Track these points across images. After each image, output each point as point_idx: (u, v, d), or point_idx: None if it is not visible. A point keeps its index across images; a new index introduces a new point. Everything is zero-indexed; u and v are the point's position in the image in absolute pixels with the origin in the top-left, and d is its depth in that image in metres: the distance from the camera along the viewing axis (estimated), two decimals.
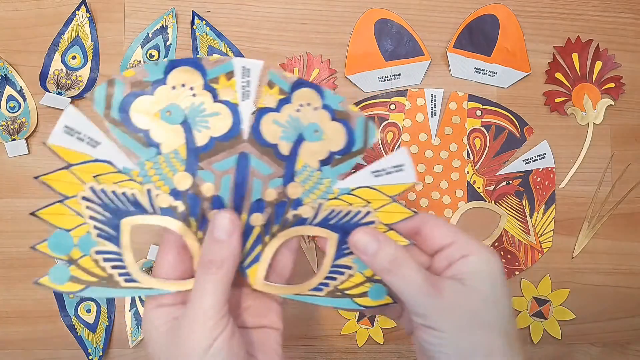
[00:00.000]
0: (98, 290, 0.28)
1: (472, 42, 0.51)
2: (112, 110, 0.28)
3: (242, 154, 0.29)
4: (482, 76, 0.51)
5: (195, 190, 0.28)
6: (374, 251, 0.27)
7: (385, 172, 0.31)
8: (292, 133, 0.30)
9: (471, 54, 0.51)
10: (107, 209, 0.28)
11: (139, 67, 0.28)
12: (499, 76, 0.51)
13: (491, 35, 0.51)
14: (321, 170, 0.30)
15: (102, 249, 0.28)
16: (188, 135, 0.28)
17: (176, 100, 0.28)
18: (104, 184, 0.28)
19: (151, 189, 0.28)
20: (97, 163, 0.28)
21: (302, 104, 0.30)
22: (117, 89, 0.28)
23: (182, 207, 0.28)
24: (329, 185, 0.30)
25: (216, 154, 0.29)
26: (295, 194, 0.30)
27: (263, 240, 0.30)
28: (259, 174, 0.29)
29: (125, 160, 0.28)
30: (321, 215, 0.30)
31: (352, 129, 0.30)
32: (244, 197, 0.29)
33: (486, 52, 0.51)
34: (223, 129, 0.29)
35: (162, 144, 0.28)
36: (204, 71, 0.29)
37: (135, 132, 0.28)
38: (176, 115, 0.28)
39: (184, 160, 0.28)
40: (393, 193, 0.30)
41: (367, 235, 0.28)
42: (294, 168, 0.30)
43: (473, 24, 0.51)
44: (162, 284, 0.28)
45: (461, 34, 0.51)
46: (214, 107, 0.29)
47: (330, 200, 0.30)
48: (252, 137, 0.29)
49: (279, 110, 0.30)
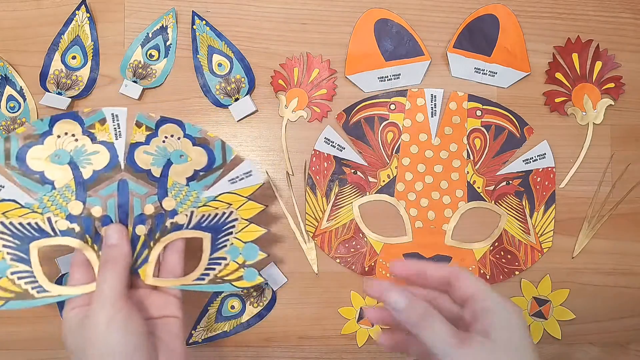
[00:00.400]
0: (17, 304, 0.36)
1: (472, 42, 0.51)
2: (11, 160, 0.36)
3: (121, 180, 0.38)
4: (482, 76, 0.51)
5: (87, 213, 0.37)
6: (403, 307, 0.30)
7: (238, 179, 0.40)
8: (161, 159, 0.39)
9: (471, 54, 0.51)
10: (16, 237, 0.36)
11: (27, 125, 0.37)
12: (499, 76, 0.51)
13: (491, 35, 0.51)
14: (189, 185, 0.39)
15: (16, 269, 0.36)
16: (75, 171, 0.37)
17: (62, 145, 0.37)
18: (11, 217, 0.36)
19: (50, 217, 0.36)
20: (3, 202, 0.36)
21: (167, 136, 0.39)
22: (14, 143, 0.36)
23: (77, 228, 0.37)
24: (197, 196, 0.39)
25: (100, 183, 0.37)
26: (170, 206, 0.39)
27: (149, 245, 0.38)
28: (137, 194, 0.38)
29: (27, 197, 0.36)
30: (194, 221, 0.39)
31: (211, 150, 0.40)
32: (127, 214, 0.37)
33: (486, 52, 0.51)
34: (103, 163, 0.38)
35: (55, 181, 0.37)
36: (81, 120, 0.38)
37: (32, 174, 0.36)
38: (64, 158, 0.37)
39: (74, 192, 0.37)
40: (247, 194, 0.41)
41: (397, 294, 0.31)
42: (166, 186, 0.39)
43: (473, 24, 0.51)
44: (68, 290, 0.35)
45: (461, 34, 0.51)
46: (94, 147, 0.38)
47: (200, 208, 0.39)
48: (128, 166, 0.38)
49: (149, 143, 0.39)
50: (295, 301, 0.50)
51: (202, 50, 0.50)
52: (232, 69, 0.50)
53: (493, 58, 0.50)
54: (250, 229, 0.41)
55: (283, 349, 0.50)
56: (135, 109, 0.50)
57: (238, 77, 0.50)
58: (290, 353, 0.50)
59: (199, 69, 0.50)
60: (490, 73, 0.51)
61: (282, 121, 0.50)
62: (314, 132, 0.50)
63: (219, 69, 0.50)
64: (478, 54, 0.51)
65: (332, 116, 0.51)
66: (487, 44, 0.51)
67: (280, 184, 0.50)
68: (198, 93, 0.50)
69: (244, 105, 0.49)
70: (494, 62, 0.50)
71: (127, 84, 0.49)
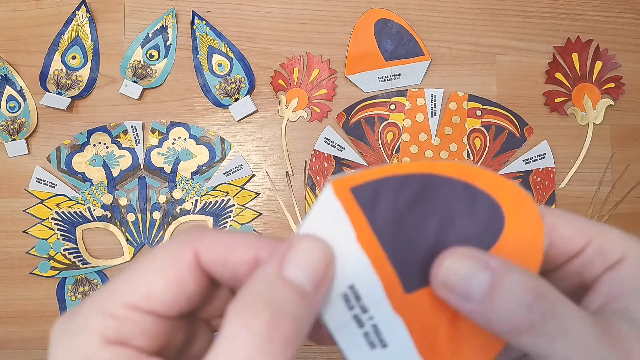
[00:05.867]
0: (68, 273, 0.48)
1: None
2: (61, 165, 0.49)
3: (141, 176, 0.49)
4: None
5: (116, 203, 0.49)
6: (485, 290, 0.14)
7: (232, 172, 0.49)
8: (172, 158, 0.49)
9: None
10: (66, 222, 0.48)
11: (72, 137, 0.49)
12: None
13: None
14: (193, 178, 0.49)
15: (67, 247, 0.48)
16: (107, 171, 0.49)
17: (97, 152, 0.49)
18: (62, 208, 0.49)
19: (90, 206, 0.49)
20: (56, 197, 0.48)
21: (176, 138, 0.49)
22: (62, 152, 0.49)
23: (109, 214, 0.49)
24: (199, 187, 0.49)
25: (125, 180, 0.49)
26: (178, 196, 0.49)
27: (163, 227, 0.49)
28: (153, 187, 0.49)
29: (73, 192, 0.49)
30: (199, 207, 0.49)
31: (212, 147, 0.49)
32: (146, 203, 0.49)
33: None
34: (127, 164, 0.49)
35: (93, 179, 0.49)
36: (110, 132, 0.49)
37: (76, 175, 0.49)
38: (99, 161, 0.49)
39: (107, 187, 0.49)
40: (240, 184, 0.49)
41: (465, 261, 0.15)
42: (175, 180, 0.49)
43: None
44: (105, 262, 0.49)
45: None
46: (120, 152, 0.49)
47: (203, 196, 0.49)
48: (146, 165, 0.49)
49: (161, 146, 0.49)
50: None
51: (202, 50, 0.50)
52: (232, 69, 0.50)
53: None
54: (245, 213, 0.49)
55: None
56: (135, 108, 0.50)
57: (238, 77, 0.50)
58: None
59: (199, 69, 0.50)
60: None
61: (282, 121, 0.50)
62: (314, 132, 0.50)
63: (219, 69, 0.50)
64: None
65: (332, 116, 0.51)
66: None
67: (280, 184, 0.50)
68: (198, 93, 0.50)
69: (244, 105, 0.49)
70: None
71: (127, 84, 0.49)
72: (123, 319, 0.14)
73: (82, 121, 0.49)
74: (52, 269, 0.48)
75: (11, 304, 0.48)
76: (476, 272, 0.14)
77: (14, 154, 0.48)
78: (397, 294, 0.15)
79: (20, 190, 0.48)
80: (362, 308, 0.15)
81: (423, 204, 0.16)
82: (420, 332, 0.15)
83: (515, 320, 0.14)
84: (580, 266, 0.16)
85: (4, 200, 0.48)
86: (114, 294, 0.14)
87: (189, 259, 0.15)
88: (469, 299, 0.14)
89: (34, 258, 0.48)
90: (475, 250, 0.15)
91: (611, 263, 0.15)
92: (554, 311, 0.14)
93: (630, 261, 0.15)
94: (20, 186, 0.48)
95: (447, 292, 0.15)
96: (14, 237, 0.48)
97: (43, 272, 0.48)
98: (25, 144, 0.48)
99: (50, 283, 0.49)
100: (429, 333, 0.15)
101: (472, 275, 0.14)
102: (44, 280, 0.48)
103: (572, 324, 0.14)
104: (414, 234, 0.15)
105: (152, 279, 0.14)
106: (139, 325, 0.14)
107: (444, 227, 0.16)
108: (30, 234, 0.48)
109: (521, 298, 0.14)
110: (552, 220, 0.16)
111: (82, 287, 0.49)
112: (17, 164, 0.49)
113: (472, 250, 0.15)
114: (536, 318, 0.13)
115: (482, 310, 0.14)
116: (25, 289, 0.48)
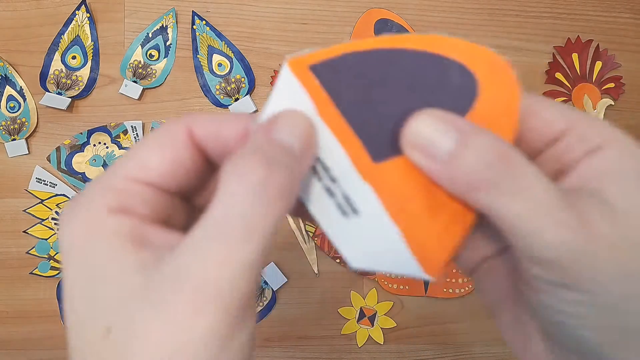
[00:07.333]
0: None
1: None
2: (61, 165, 0.48)
3: None
4: None
5: None
6: (451, 150, 0.14)
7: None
8: None
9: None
10: None
11: (72, 138, 0.48)
12: None
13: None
14: None
15: None
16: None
17: (97, 152, 0.49)
18: (63, 208, 0.44)
19: None
20: (56, 197, 0.48)
21: None
22: (62, 152, 0.48)
23: None
24: None
25: None
26: None
27: None
28: None
29: (73, 192, 0.48)
30: None
31: None
32: None
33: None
34: None
35: (93, 179, 0.46)
36: (110, 132, 0.49)
37: (76, 174, 0.48)
38: (99, 161, 0.49)
39: None
40: None
41: (434, 120, 0.15)
42: None
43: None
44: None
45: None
46: (120, 152, 0.49)
47: None
48: None
49: None
50: (295, 301, 0.50)
51: (202, 50, 0.50)
52: (232, 69, 0.50)
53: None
54: None
55: (283, 349, 0.50)
56: (135, 108, 0.50)
57: (238, 77, 0.50)
58: (290, 353, 0.50)
59: (199, 69, 0.50)
60: None
61: None
62: None
63: (219, 69, 0.50)
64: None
65: None
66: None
67: None
68: (198, 93, 0.50)
69: (244, 105, 0.49)
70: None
71: (127, 84, 0.49)
72: (124, 190, 0.15)
73: (82, 121, 0.49)
74: (52, 269, 0.48)
75: (11, 304, 0.48)
76: (445, 131, 0.14)
77: (14, 154, 0.48)
78: (365, 163, 0.16)
79: (20, 190, 0.48)
80: (332, 179, 0.16)
81: (387, 75, 0.16)
82: (391, 198, 0.16)
83: (475, 176, 0.14)
84: (560, 151, 0.16)
85: (4, 200, 0.48)
86: (114, 170, 0.15)
87: (182, 135, 0.15)
88: (436, 158, 0.14)
89: (34, 258, 0.48)
90: (445, 112, 0.15)
91: (591, 148, 0.15)
92: (514, 171, 0.14)
93: (610, 147, 0.15)
94: (20, 186, 0.48)
95: (414, 151, 0.15)
96: (14, 237, 0.48)
97: (43, 272, 0.48)
98: (25, 144, 0.48)
99: (50, 283, 0.49)
100: (401, 199, 0.16)
101: (441, 134, 0.14)
102: (44, 280, 0.48)
103: (531, 185, 0.14)
104: (381, 106, 0.16)
105: (149, 153, 0.15)
106: (139, 196, 0.15)
107: (413, 97, 0.15)
108: (30, 234, 0.48)
109: (483, 157, 0.14)
110: (534, 104, 0.16)
111: None
112: (17, 164, 0.49)
113: (442, 112, 0.15)
114: (495, 175, 0.14)
115: (447, 169, 0.14)
116: (25, 289, 0.48)
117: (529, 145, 0.16)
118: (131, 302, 0.13)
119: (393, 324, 0.50)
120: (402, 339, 0.51)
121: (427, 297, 0.51)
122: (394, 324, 0.50)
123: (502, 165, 0.14)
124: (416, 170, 0.15)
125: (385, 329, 0.50)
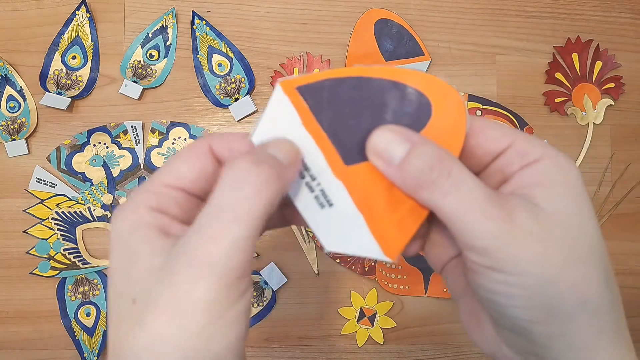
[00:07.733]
0: (68, 272, 0.48)
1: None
2: (61, 165, 0.48)
3: (141, 176, 0.49)
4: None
5: (116, 203, 0.48)
6: (402, 156, 0.18)
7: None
8: None
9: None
10: (67, 222, 0.48)
11: (72, 138, 0.48)
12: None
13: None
14: None
15: (67, 247, 0.48)
16: (107, 171, 0.49)
17: (97, 152, 0.49)
18: (62, 208, 0.48)
19: (90, 206, 0.49)
20: (56, 197, 0.48)
21: (175, 138, 0.49)
22: (62, 152, 0.48)
23: (109, 214, 0.49)
24: None
25: (126, 180, 0.49)
26: None
27: None
28: None
29: (73, 192, 0.49)
30: None
31: None
32: None
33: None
34: (127, 164, 0.49)
35: (93, 179, 0.49)
36: (110, 132, 0.49)
37: (76, 174, 0.49)
38: (99, 161, 0.49)
39: (107, 187, 0.49)
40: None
41: (390, 133, 0.19)
42: None
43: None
44: (105, 261, 0.48)
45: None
46: (120, 152, 0.49)
47: None
48: (146, 165, 0.49)
49: (161, 146, 0.49)
50: (295, 301, 0.50)
51: (202, 50, 0.50)
52: (232, 69, 0.50)
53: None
54: None
55: (283, 349, 0.50)
56: (135, 108, 0.50)
57: (238, 77, 0.50)
58: (290, 353, 0.50)
59: (199, 69, 0.50)
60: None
61: None
62: None
63: (219, 69, 0.50)
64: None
65: None
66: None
67: None
68: (198, 93, 0.50)
69: (244, 105, 0.49)
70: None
71: (127, 84, 0.49)
72: (161, 194, 0.19)
73: (82, 121, 0.49)
74: (52, 269, 0.48)
75: (11, 304, 0.48)
76: (399, 142, 0.18)
77: (14, 154, 0.48)
78: (338, 165, 0.20)
79: (20, 190, 0.48)
80: (311, 177, 0.20)
81: (358, 97, 0.19)
82: (358, 193, 0.19)
83: (419, 176, 0.17)
84: (503, 164, 0.19)
85: (4, 200, 0.48)
86: (154, 179, 0.19)
87: (205, 149, 0.20)
88: (391, 163, 0.18)
89: (34, 258, 0.48)
90: (401, 127, 0.19)
91: (529, 162, 0.18)
92: (450, 172, 0.17)
93: (544, 161, 0.18)
94: (20, 186, 0.48)
95: (375, 157, 0.19)
96: (14, 237, 0.48)
97: (43, 272, 0.48)
98: (25, 144, 0.48)
99: (50, 283, 0.49)
100: (367, 195, 0.19)
101: (396, 143, 0.18)
102: (44, 280, 0.48)
103: (464, 183, 0.17)
104: (352, 121, 0.19)
105: (181, 165, 0.19)
106: (173, 199, 0.19)
107: (378, 115, 0.19)
108: (30, 234, 0.48)
109: (426, 161, 0.17)
110: (481, 124, 0.19)
111: (82, 287, 0.49)
112: (17, 164, 0.49)
113: (398, 127, 0.19)
114: (435, 177, 0.17)
115: (399, 172, 0.18)
116: (25, 289, 0.48)
117: (477, 159, 0.20)
118: (151, 277, 0.17)
119: (393, 324, 0.50)
120: (402, 339, 0.51)
121: (427, 297, 0.51)
122: (394, 324, 0.50)
123: (441, 168, 0.17)
124: (379, 173, 0.19)
125: (385, 329, 0.50)
